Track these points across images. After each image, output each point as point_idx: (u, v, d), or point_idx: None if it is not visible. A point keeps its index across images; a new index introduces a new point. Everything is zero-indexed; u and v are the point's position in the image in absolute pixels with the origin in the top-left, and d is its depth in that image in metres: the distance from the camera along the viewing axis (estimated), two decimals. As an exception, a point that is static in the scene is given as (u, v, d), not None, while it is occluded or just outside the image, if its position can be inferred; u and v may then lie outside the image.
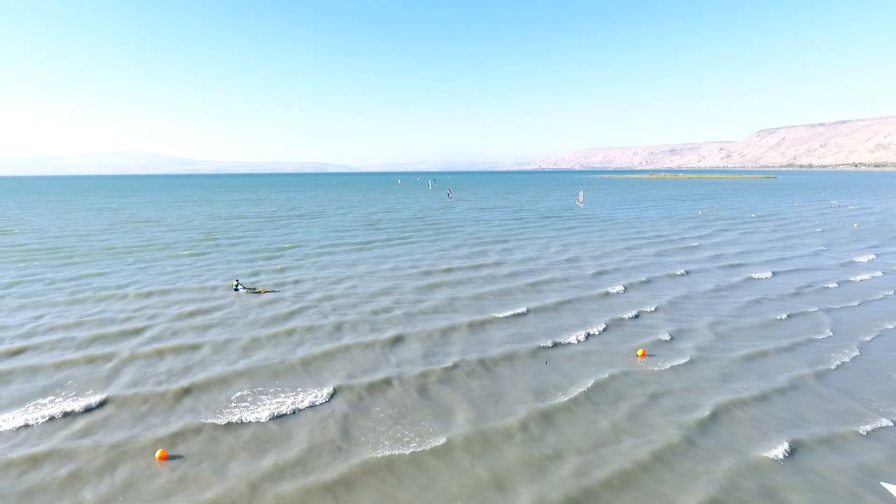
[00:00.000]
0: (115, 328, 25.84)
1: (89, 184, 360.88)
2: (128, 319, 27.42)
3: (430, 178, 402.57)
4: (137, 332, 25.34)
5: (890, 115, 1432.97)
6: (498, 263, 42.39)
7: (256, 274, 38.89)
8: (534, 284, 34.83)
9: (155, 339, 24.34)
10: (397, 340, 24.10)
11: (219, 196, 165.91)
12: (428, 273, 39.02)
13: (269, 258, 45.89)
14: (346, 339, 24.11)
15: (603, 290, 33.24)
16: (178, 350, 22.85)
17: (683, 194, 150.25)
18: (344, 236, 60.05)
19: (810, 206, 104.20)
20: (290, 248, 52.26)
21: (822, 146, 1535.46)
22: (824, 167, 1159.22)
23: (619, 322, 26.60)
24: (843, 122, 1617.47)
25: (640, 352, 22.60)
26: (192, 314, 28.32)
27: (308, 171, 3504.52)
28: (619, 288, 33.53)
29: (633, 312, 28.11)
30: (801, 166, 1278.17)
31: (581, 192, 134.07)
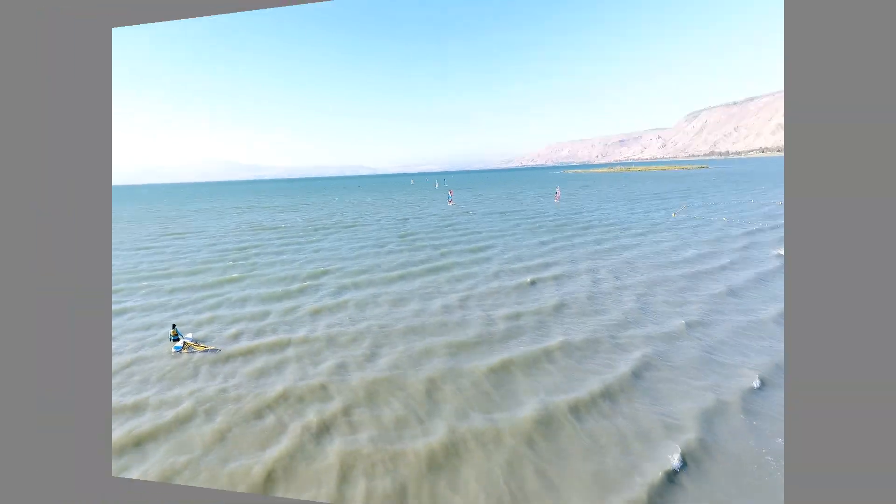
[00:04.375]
0: None
1: (186, 192, 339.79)
2: None
3: (438, 178, 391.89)
4: None
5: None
6: (615, 343, 19.01)
7: (264, 316, 19.81)
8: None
9: None
10: None
11: (267, 201, 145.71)
12: (496, 375, 17.18)
13: (289, 294, 26.61)
14: None
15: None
16: None
17: (675, 190, 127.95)
18: (380, 258, 40.14)
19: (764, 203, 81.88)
20: (321, 273, 33.41)
21: (735, 129, 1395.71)
22: (738, 154, 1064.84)
23: None
24: (751, 98, 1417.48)
25: None
26: None
27: (347, 174, 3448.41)
28: None
29: None
30: (720, 154, 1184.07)
31: (558, 189, 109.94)
